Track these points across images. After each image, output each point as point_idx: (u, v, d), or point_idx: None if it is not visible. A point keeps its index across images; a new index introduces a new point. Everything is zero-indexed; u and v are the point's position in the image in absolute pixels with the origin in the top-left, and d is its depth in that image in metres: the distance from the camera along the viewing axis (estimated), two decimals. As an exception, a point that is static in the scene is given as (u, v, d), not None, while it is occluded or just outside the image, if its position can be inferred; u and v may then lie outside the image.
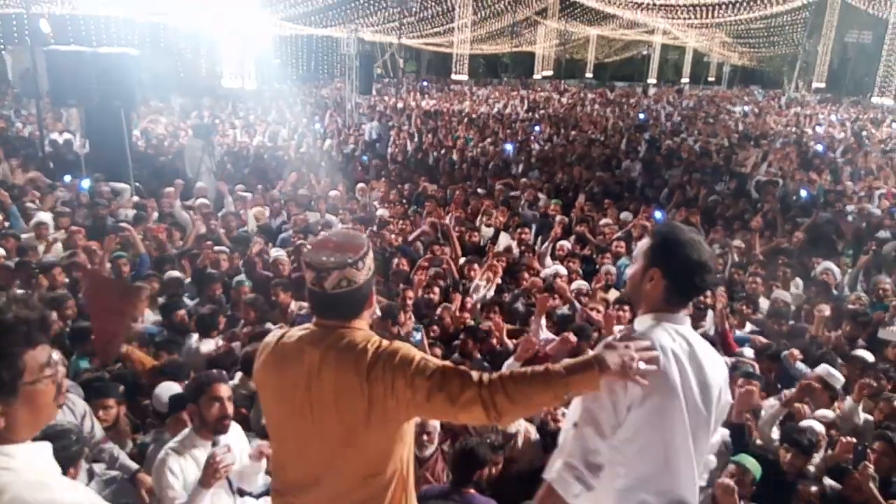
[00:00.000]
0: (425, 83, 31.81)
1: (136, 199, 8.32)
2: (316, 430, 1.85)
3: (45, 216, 6.93)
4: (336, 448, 1.84)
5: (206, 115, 16.16)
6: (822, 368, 4.34)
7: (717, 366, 1.93)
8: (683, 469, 1.88)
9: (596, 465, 1.79)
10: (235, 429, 2.92)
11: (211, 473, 2.54)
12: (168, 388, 3.60)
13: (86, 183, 8.23)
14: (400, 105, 22.49)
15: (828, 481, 3.58)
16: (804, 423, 3.84)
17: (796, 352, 4.78)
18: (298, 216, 7.85)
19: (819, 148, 14.88)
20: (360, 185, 10.08)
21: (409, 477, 1.97)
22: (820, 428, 3.83)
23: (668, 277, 1.88)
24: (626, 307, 5.27)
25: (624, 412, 1.80)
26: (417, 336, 4.40)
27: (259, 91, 17.74)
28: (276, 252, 6.52)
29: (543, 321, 4.87)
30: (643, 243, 1.98)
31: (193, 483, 2.65)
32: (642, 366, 1.73)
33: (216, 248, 6.57)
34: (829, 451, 3.77)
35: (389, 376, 1.77)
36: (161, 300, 5.42)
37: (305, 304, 4.77)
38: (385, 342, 1.88)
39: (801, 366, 4.68)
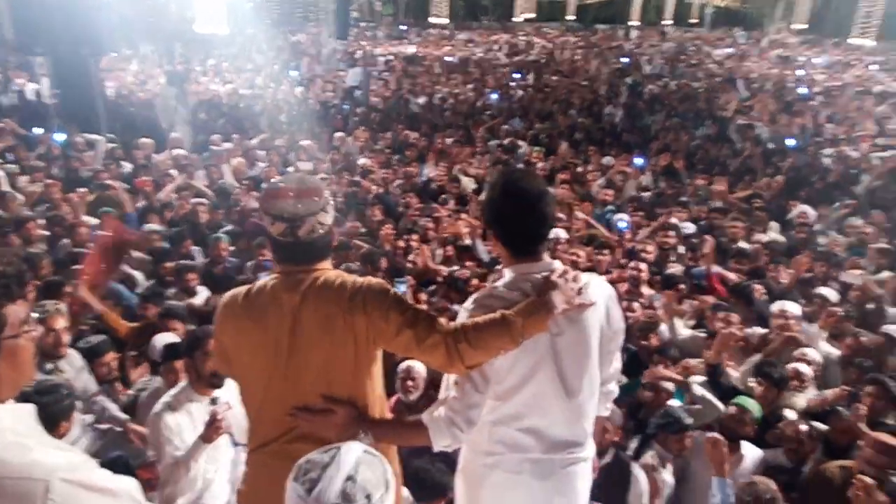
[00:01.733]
0: (403, 28, 30.94)
1: (109, 146, 8.15)
2: (304, 366, 1.88)
3: None
4: (327, 377, 1.89)
5: (177, 63, 15.64)
6: (777, 304, 4.43)
7: (594, 298, 1.92)
8: (555, 410, 1.93)
9: (472, 421, 1.87)
10: (232, 383, 2.94)
11: (214, 430, 2.58)
12: (165, 339, 3.62)
13: (60, 136, 8.01)
14: (378, 51, 21.94)
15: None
16: (792, 365, 3.92)
17: (759, 287, 4.91)
18: (271, 169, 7.74)
19: (803, 91, 14.81)
20: (339, 134, 9.94)
21: (385, 413, 2.06)
22: (806, 369, 3.91)
23: (501, 237, 1.90)
24: (606, 251, 5.36)
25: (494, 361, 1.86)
26: (402, 287, 4.39)
27: (232, 36, 17.14)
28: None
29: None
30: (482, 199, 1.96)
31: (190, 438, 2.69)
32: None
33: (194, 199, 6.51)
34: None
35: (370, 307, 1.84)
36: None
37: None
38: (360, 278, 1.94)
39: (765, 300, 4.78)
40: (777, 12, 34.36)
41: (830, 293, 4.87)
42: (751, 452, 3.35)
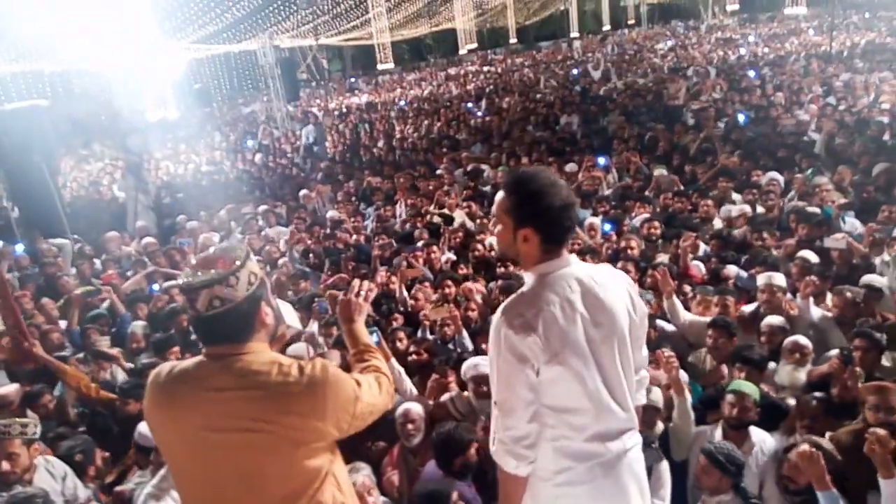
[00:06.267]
0: (353, 79, 31.47)
1: (77, 247, 8.07)
2: (223, 470, 1.69)
3: None
4: (261, 474, 1.70)
5: (132, 154, 15.68)
6: (762, 277, 4.34)
7: (618, 288, 1.95)
8: (608, 407, 1.90)
9: (529, 445, 1.85)
10: None
11: None
12: None
13: (19, 247, 7.90)
14: (331, 105, 22.24)
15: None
16: (792, 339, 3.79)
17: (730, 268, 4.87)
18: (252, 237, 7.74)
19: (751, 74, 14.87)
20: (303, 191, 9.94)
21: (339, 473, 1.83)
22: (806, 342, 3.75)
23: (541, 232, 1.86)
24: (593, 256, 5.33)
25: (534, 377, 1.82)
26: (374, 338, 4.00)
27: (185, 118, 17.30)
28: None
29: None
30: (501, 202, 1.90)
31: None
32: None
33: (165, 284, 6.45)
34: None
35: (329, 413, 1.70)
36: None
37: None
38: (299, 367, 1.72)
39: (743, 273, 4.81)
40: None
41: (811, 255, 4.78)
42: (760, 437, 3.18)
